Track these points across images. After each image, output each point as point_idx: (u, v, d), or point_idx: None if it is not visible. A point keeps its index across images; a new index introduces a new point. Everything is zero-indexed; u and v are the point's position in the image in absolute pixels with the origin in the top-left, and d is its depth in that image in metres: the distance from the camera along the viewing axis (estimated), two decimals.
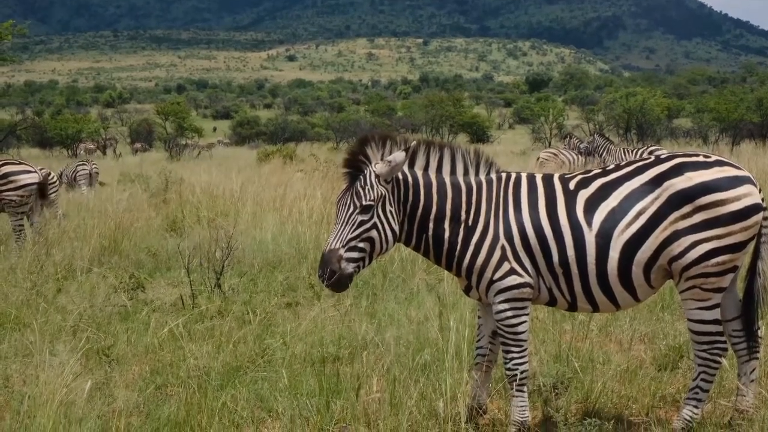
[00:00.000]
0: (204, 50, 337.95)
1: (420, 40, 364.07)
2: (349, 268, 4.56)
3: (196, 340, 6.23)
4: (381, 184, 4.59)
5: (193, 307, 7.29)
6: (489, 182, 4.72)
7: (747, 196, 4.34)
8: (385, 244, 4.67)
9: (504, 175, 4.78)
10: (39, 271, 8.19)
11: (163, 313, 7.25)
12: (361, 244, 4.58)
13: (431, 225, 4.66)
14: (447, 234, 4.65)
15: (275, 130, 50.94)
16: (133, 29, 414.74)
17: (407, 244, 4.79)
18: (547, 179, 4.72)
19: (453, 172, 4.74)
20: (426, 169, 4.72)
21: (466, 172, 4.75)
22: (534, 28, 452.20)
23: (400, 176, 4.66)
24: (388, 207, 4.62)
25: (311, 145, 40.70)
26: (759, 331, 4.67)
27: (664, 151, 15.27)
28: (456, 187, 4.69)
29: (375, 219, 4.59)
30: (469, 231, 4.62)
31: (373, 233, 4.60)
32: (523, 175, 4.77)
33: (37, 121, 47.65)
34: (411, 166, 4.71)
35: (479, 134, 45.29)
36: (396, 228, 4.67)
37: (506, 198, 4.64)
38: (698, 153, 4.60)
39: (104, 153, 41.36)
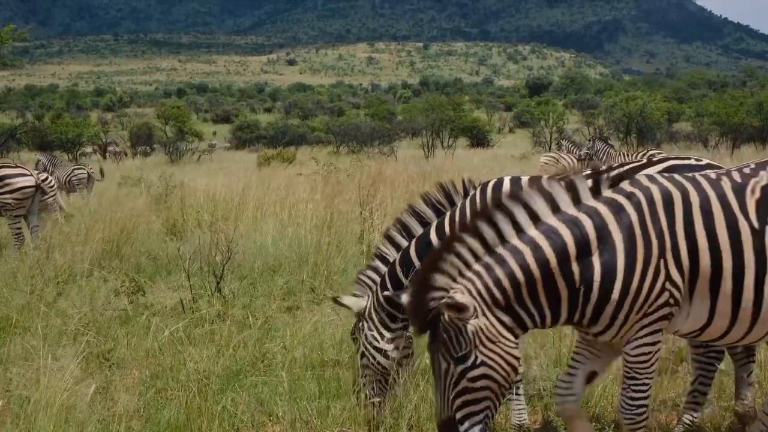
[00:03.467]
0: (204, 54, 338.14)
1: (420, 44, 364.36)
2: None
3: (196, 344, 6.24)
4: None
5: (193, 311, 7.29)
6: (462, 205, 4.75)
7: None
8: None
9: (481, 185, 4.82)
10: (39, 275, 8.19)
11: (164, 317, 7.26)
12: None
13: None
14: None
15: (275, 134, 50.91)
16: (133, 32, 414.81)
17: None
18: (536, 181, 4.72)
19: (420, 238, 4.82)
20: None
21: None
22: (534, 31, 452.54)
23: None
24: None
25: (311, 149, 40.68)
26: None
27: (664, 155, 15.26)
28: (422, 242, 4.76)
29: None
30: None
31: None
32: (506, 179, 4.79)
33: (37, 125, 47.61)
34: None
35: (479, 138, 45.26)
36: None
37: (484, 201, 4.65)
38: (689, 156, 4.64)
39: (104, 157, 41.40)
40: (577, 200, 3.75)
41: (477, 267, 3.62)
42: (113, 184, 20.47)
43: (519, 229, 3.66)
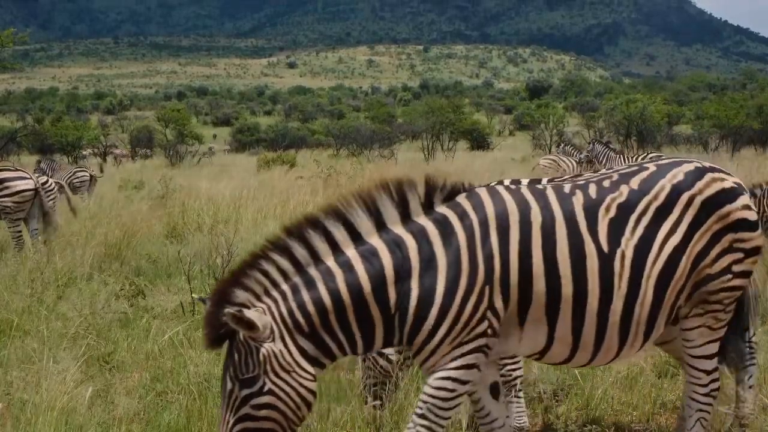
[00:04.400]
0: (204, 57, 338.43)
1: (420, 47, 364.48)
2: None
3: (196, 347, 6.23)
4: None
5: (193, 313, 7.29)
6: None
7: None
8: None
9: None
10: (40, 278, 8.20)
11: (164, 319, 7.26)
12: None
13: None
14: None
15: (275, 137, 50.91)
16: (133, 35, 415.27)
17: None
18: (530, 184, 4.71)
19: None
20: None
21: None
22: (534, 34, 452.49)
23: None
24: None
25: (311, 152, 40.72)
26: (753, 338, 4.70)
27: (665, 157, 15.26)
28: None
29: None
30: None
31: None
32: (505, 182, 4.76)
33: (37, 128, 47.64)
34: None
35: (479, 141, 45.31)
36: None
37: None
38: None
39: (104, 160, 41.41)
40: (406, 216, 3.50)
41: (284, 287, 3.37)
42: (113, 187, 20.48)
43: (336, 248, 3.41)
